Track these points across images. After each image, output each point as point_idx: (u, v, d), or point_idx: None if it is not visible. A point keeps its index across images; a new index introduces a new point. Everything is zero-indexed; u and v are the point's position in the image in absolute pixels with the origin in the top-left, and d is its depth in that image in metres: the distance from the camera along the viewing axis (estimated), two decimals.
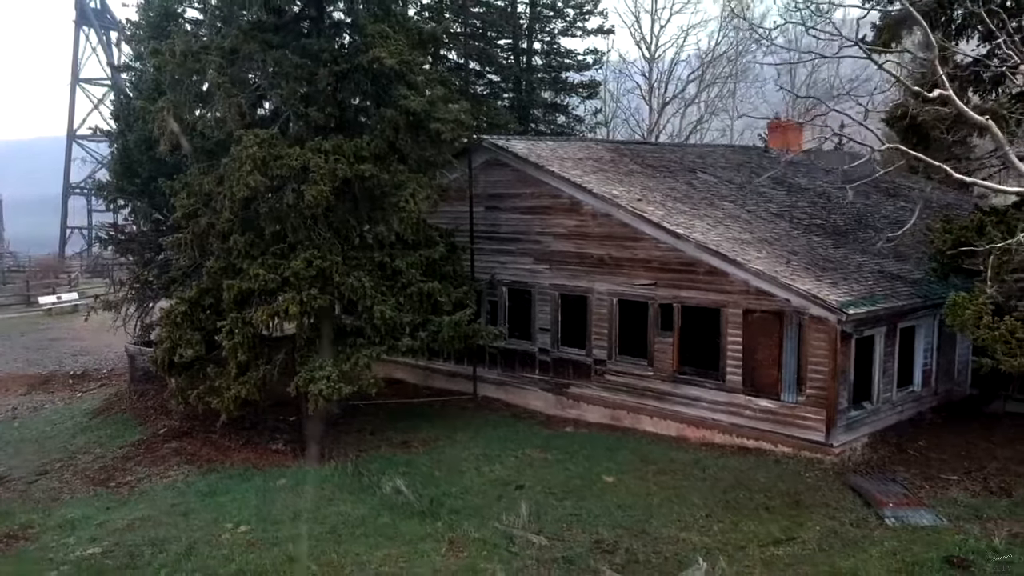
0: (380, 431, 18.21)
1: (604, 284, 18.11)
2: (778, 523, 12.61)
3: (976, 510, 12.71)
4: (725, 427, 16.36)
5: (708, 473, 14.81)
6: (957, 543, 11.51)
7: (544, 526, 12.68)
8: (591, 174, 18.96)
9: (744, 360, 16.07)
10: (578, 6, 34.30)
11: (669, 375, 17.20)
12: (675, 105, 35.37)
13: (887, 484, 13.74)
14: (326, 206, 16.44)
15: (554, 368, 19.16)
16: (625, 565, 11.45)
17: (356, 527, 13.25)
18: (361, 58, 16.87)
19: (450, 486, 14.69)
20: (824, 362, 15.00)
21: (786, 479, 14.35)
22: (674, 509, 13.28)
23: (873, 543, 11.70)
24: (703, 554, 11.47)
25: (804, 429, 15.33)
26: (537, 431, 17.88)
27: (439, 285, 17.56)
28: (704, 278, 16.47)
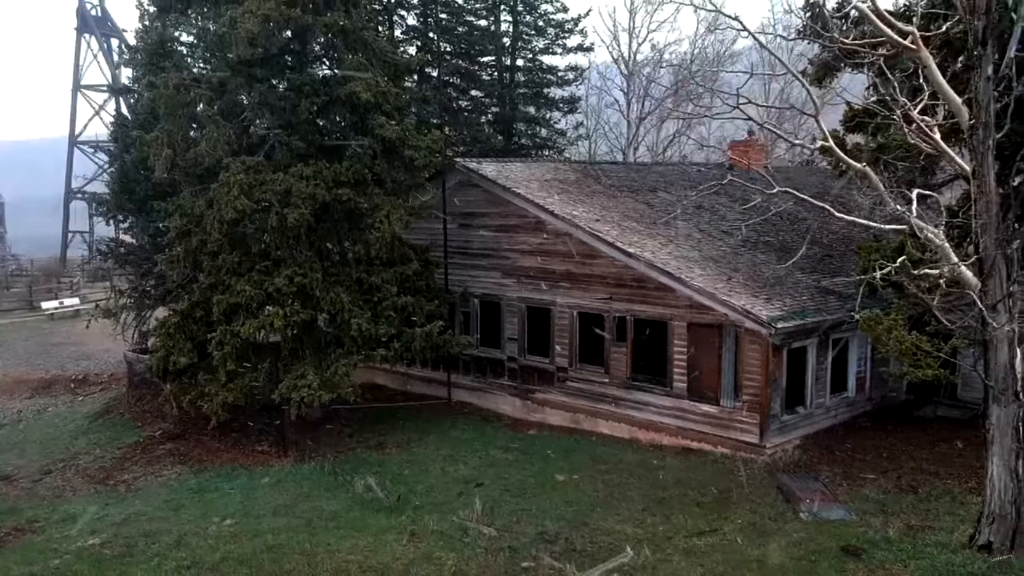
0: (358, 433, 19.70)
1: (565, 298, 19.60)
2: (705, 517, 14.08)
3: (883, 505, 14.18)
4: (672, 430, 17.85)
5: (651, 472, 16.29)
6: (857, 535, 12.98)
7: (496, 519, 14.15)
8: (555, 195, 20.44)
9: (688, 368, 17.57)
10: (558, 25, 35.85)
11: (623, 382, 18.69)
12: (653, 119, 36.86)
13: (809, 482, 15.22)
14: (307, 227, 17.93)
15: (521, 375, 20.67)
16: (563, 553, 12.92)
17: (329, 520, 14.72)
18: (339, 90, 18.39)
19: (416, 484, 16.18)
20: (758, 371, 16.50)
21: (720, 477, 15.83)
22: (615, 504, 14.76)
23: (784, 535, 13.17)
24: (632, 544, 12.95)
25: (741, 432, 16.82)
26: (503, 433, 19.38)
27: (412, 299, 19.07)
28: (654, 293, 17.96)
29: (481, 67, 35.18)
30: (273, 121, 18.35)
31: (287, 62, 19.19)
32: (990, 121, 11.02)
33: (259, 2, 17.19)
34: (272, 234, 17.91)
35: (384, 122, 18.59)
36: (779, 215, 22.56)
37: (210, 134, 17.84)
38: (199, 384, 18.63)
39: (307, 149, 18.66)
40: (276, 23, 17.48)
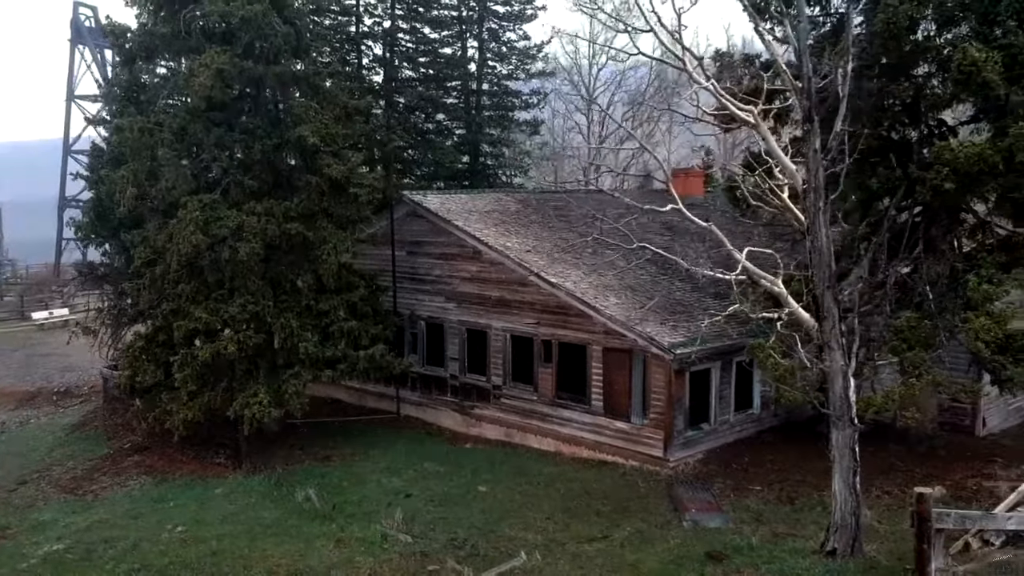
0: (309, 446, 21.43)
1: (500, 321, 21.35)
2: (601, 525, 15.83)
3: (759, 514, 15.92)
4: (591, 444, 19.60)
5: (565, 483, 18.04)
6: (726, 541, 14.69)
7: (415, 527, 15.90)
8: (493, 226, 22.19)
9: (604, 388, 19.32)
10: (522, 52, 37.60)
11: (549, 400, 20.44)
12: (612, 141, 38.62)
13: (699, 493, 16.97)
14: (259, 259, 19.68)
15: (462, 392, 22.42)
16: (467, 557, 14.65)
17: (269, 528, 16.47)
18: (290, 134, 20.17)
19: (352, 495, 17.93)
20: (662, 391, 18.25)
21: (624, 488, 17.58)
22: (525, 513, 16.50)
23: (664, 541, 14.90)
24: (529, 549, 14.70)
25: (648, 446, 18.57)
26: (441, 447, 21.14)
27: (358, 323, 20.84)
28: (574, 319, 19.70)
29: (446, 92, 36.88)
30: (229, 162, 20.11)
31: (243, 107, 20.92)
32: (820, 186, 12.75)
33: (214, 56, 19.00)
34: (226, 266, 19.63)
35: (331, 162, 20.40)
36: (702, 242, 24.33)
37: (170, 174, 19.61)
38: (162, 402, 20.38)
39: (260, 187, 20.42)
40: (230, 75, 19.18)
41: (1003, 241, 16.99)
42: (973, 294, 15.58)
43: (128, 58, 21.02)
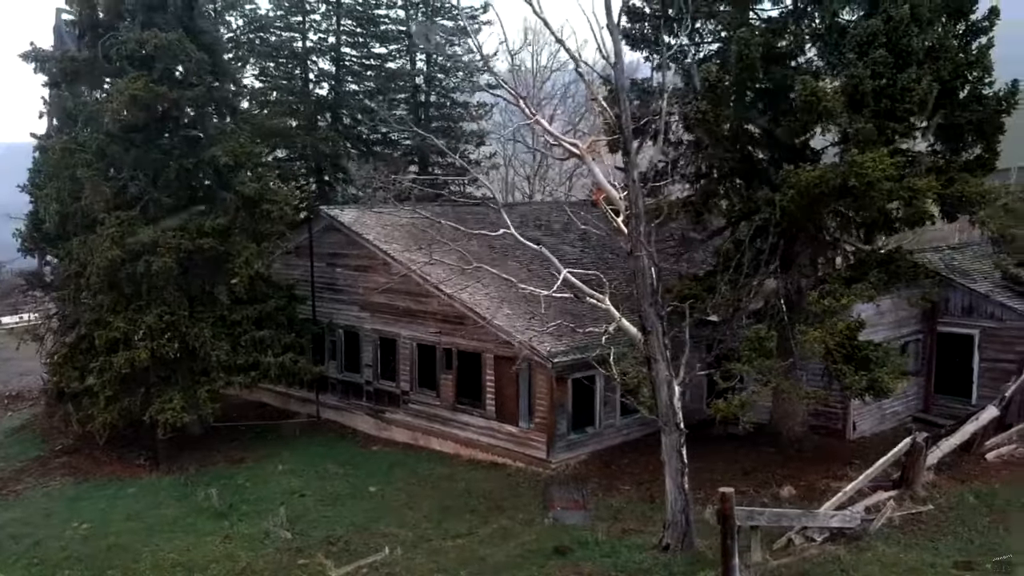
0: (227, 448, 22.61)
1: (407, 330, 22.55)
2: (471, 522, 17.01)
3: (618, 512, 17.11)
4: (485, 447, 20.80)
5: (451, 483, 19.24)
6: (576, 537, 15.86)
7: (297, 525, 17.10)
8: (402, 239, 23.36)
9: (496, 394, 20.53)
10: (467, 66, 38.79)
11: (450, 405, 21.65)
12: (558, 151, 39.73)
13: (570, 492, 18.16)
14: (173, 272, 20.86)
15: (375, 397, 23.63)
16: (338, 552, 15.85)
17: (167, 525, 17.67)
18: (204, 154, 21.38)
19: (252, 494, 19.13)
20: (545, 397, 19.45)
21: (505, 488, 18.78)
22: (404, 512, 17.70)
23: (522, 536, 16.08)
24: (396, 545, 15.89)
25: (533, 448, 19.78)
26: (350, 449, 22.33)
27: (270, 332, 22.05)
28: (471, 329, 20.90)
29: (394, 105, 38.05)
30: (147, 180, 21.30)
31: (161, 128, 22.09)
32: (640, 213, 13.95)
33: (128, 83, 20.22)
34: (142, 279, 20.82)
35: (245, 179, 21.61)
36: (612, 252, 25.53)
37: (89, 193, 20.82)
38: (84, 407, 21.58)
39: (177, 204, 21.62)
40: (143, 100, 20.36)
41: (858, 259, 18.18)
42: (814, 308, 16.77)
43: (53, 82, 22.21)
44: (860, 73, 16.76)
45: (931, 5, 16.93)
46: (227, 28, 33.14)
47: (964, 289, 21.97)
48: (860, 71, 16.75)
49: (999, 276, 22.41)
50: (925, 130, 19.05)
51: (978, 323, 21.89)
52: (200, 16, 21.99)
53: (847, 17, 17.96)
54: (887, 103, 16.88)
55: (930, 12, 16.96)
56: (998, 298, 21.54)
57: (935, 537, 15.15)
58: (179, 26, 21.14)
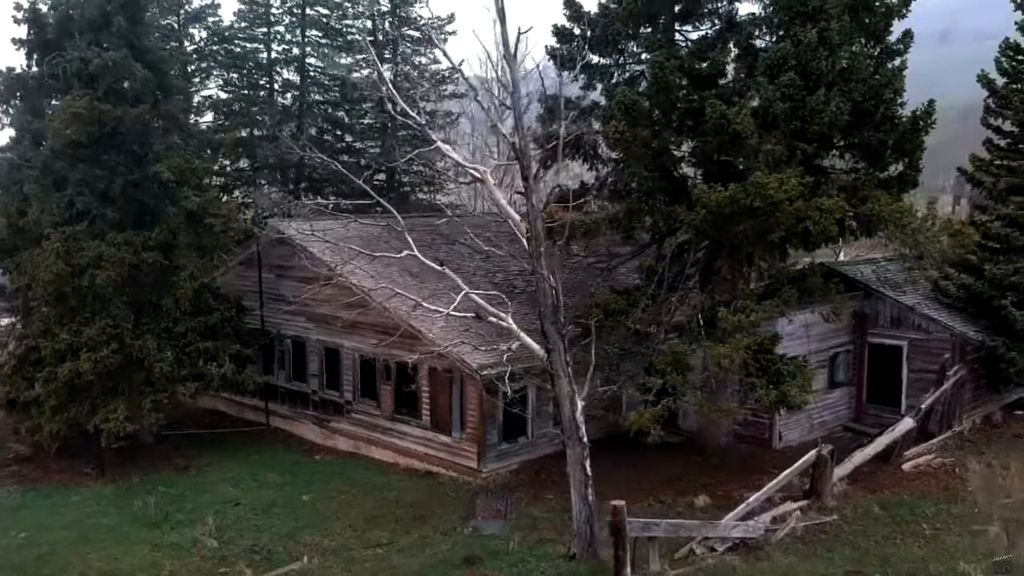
0: (174, 457, 23.09)
1: (350, 341, 23.06)
2: (394, 531, 17.52)
3: (536, 521, 17.62)
4: (422, 456, 21.32)
5: (383, 493, 19.75)
6: (490, 546, 16.39)
7: (225, 534, 17.60)
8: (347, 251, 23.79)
9: (432, 405, 21.05)
10: (432, 76, 39.32)
11: (389, 415, 22.16)
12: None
13: (495, 502, 18.68)
14: (118, 285, 21.36)
15: (321, 406, 24.15)
16: (260, 561, 16.37)
17: (102, 534, 18.17)
18: (148, 170, 21.88)
19: (188, 503, 19.62)
20: (476, 408, 19.96)
21: (434, 497, 19.29)
22: (332, 521, 18.20)
23: (438, 546, 16.60)
24: (318, 554, 16.41)
25: (465, 458, 20.29)
26: (293, 458, 22.83)
27: (214, 343, 22.53)
28: (408, 341, 21.30)
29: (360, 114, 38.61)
30: (92, 196, 21.80)
31: (108, 144, 22.55)
32: (539, 235, 14.48)
33: (71, 101, 20.73)
34: (87, 292, 21.32)
35: (189, 194, 22.12)
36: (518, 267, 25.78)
37: (36, 208, 21.33)
38: (33, 416, 22.09)
39: (123, 218, 22.11)
40: (87, 118, 20.86)
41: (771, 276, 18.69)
42: (724, 324, 17.28)
43: (3, 99, 22.73)
44: (770, 96, 17.28)
45: (840, 29, 17.42)
46: (190, 41, 33.82)
47: (892, 301, 22.49)
48: (770, 94, 17.26)
49: (929, 288, 22.95)
50: (844, 149, 19.61)
51: (906, 335, 22.43)
52: (146, 35, 22.49)
53: (760, 42, 18.46)
54: (797, 124, 17.38)
55: (839, 36, 17.44)
56: (924, 310, 22.07)
57: (833, 547, 15.67)
58: (124, 45, 21.62)
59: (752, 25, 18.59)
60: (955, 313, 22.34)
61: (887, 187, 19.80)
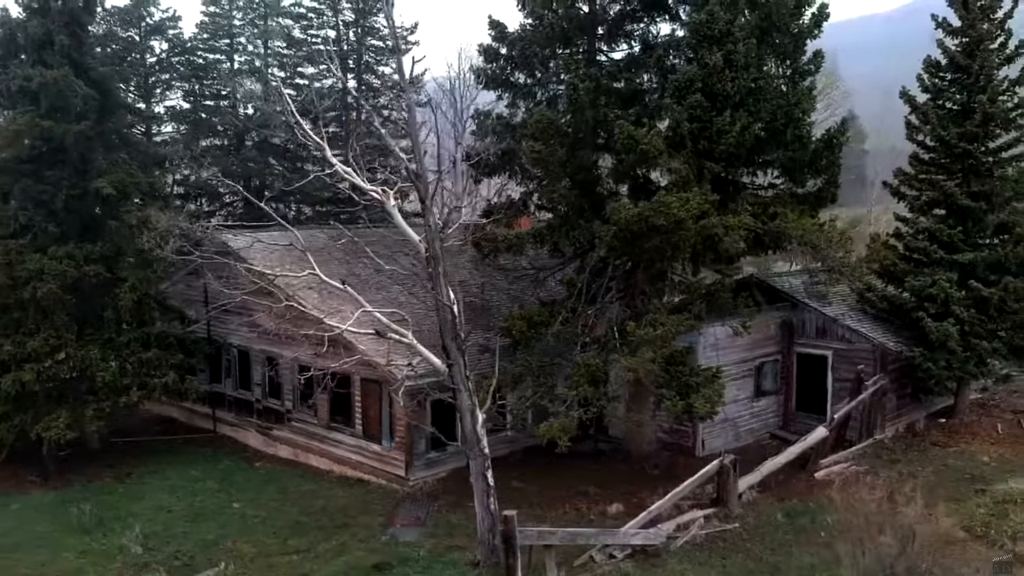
0: (119, 464, 23.63)
1: (290, 351, 23.62)
2: (314, 538, 18.08)
3: (453, 528, 18.18)
4: (355, 464, 21.89)
5: (313, 500, 20.31)
6: (400, 553, 16.95)
7: (152, 541, 18.17)
8: (292, 264, 24.37)
9: (364, 414, 21.62)
10: (395, 85, 39.84)
11: (326, 423, 22.74)
12: None
13: (417, 509, 19.25)
14: (60, 298, 21.92)
15: (264, 414, 24.72)
16: (181, 567, 16.96)
17: (35, 540, 18.72)
18: (90, 184, 22.45)
19: (124, 510, 20.17)
20: (404, 418, 20.52)
21: (361, 504, 19.85)
22: (258, 528, 18.76)
23: (353, 553, 17.16)
24: (236, 560, 16.97)
25: (394, 467, 20.87)
26: (234, 465, 23.39)
27: (155, 353, 23.10)
28: (343, 352, 21.93)
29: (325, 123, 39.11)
30: (35, 210, 22.37)
31: (52, 159, 23.11)
32: (438, 255, 15.05)
33: (13, 118, 21.30)
34: (29, 304, 21.89)
35: (131, 207, 22.71)
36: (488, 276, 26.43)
37: None
38: None
39: (67, 232, 22.67)
40: (28, 135, 21.43)
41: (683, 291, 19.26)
42: (631, 337, 17.85)
43: None
44: (678, 116, 17.84)
45: (746, 52, 17.97)
46: (151, 53, 34.39)
47: (817, 312, 23.05)
48: (678, 115, 17.83)
49: (855, 299, 23.52)
50: (760, 166, 20.19)
51: (831, 345, 23.00)
52: (90, 53, 23.02)
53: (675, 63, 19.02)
54: (705, 144, 17.96)
55: (746, 58, 17.99)
56: (846, 321, 22.64)
57: (728, 554, 16.26)
58: (67, 63, 22.18)
59: (667, 47, 19.13)
60: (879, 324, 22.90)
61: (806, 203, 20.42)
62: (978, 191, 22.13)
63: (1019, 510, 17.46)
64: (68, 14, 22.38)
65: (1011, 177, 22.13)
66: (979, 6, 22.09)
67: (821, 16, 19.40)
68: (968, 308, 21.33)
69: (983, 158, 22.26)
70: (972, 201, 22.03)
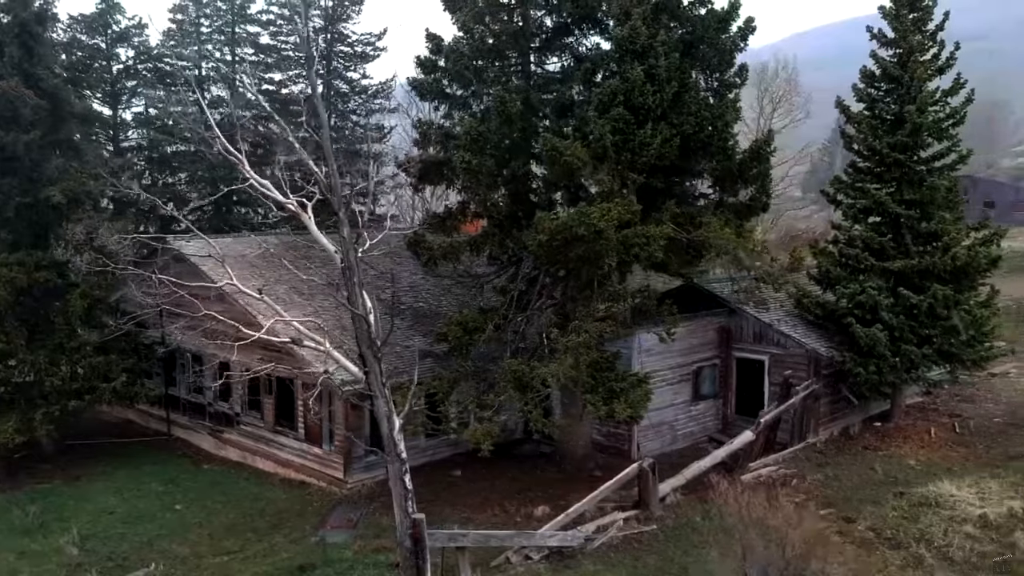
0: (72, 467, 24.08)
1: (238, 355, 23.97)
2: (247, 540, 18.55)
3: (383, 531, 18.59)
4: (298, 467, 22.37)
5: (253, 502, 20.77)
6: (328, 554, 17.40)
7: (89, 542, 18.64)
8: (242, 269, 24.82)
9: (305, 418, 22.07)
10: (363, 90, 40.41)
11: (271, 427, 23.21)
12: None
13: (350, 511, 19.71)
14: (10, 304, 22.40)
15: (216, 417, 25.19)
16: (111, 568, 17.43)
17: None
18: (41, 193, 22.93)
19: (68, 512, 20.63)
20: (342, 421, 21.00)
21: (299, 506, 20.33)
22: (195, 530, 19.23)
23: (280, 554, 17.64)
24: (168, 561, 17.45)
25: (334, 469, 21.34)
26: (183, 468, 23.86)
27: (105, 358, 23.58)
28: (287, 357, 22.42)
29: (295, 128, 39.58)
30: None
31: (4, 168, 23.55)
32: (353, 265, 15.52)
33: None
34: None
35: (83, 216, 23.18)
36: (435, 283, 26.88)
37: None
38: None
39: (18, 240, 23.17)
40: None
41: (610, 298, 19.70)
42: (554, 344, 18.31)
43: None
44: (601, 129, 18.29)
45: (668, 66, 18.41)
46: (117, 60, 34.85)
47: (754, 318, 23.51)
48: (600, 127, 18.27)
49: (792, 305, 23.99)
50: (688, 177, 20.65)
51: (767, 350, 23.47)
52: (42, 64, 23.46)
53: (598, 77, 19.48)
54: (628, 156, 18.40)
55: (668, 72, 18.43)
56: (781, 327, 23.09)
57: (640, 556, 16.73)
58: (17, 74, 22.66)
59: (594, 61, 19.58)
60: (814, 329, 23.37)
61: (737, 212, 20.89)
62: (911, 200, 22.57)
63: (931, 513, 17.92)
64: (19, 26, 22.86)
65: (942, 186, 22.55)
66: (911, 18, 22.55)
67: (748, 30, 19.85)
68: (897, 315, 21.77)
69: (916, 167, 22.71)
70: (904, 209, 22.48)
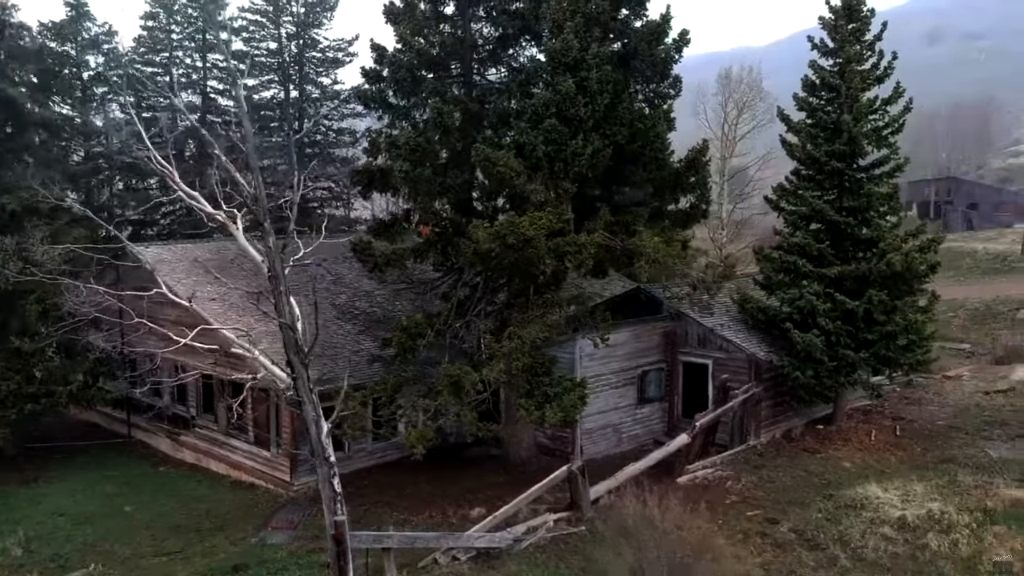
0: (29, 469, 24.51)
1: (193, 360, 24.48)
2: (189, 540, 19.01)
3: (322, 532, 18.99)
4: (249, 469, 22.84)
5: (201, 504, 21.23)
6: (265, 555, 17.87)
7: (33, 543, 19.09)
8: (197, 275, 25.34)
9: (255, 421, 22.54)
10: (335, 96, 40.87)
11: (225, 430, 23.68)
12: None
13: (293, 513, 20.18)
14: None
15: (174, 420, 25.66)
16: (53, 569, 17.88)
17: None
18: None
19: (19, 513, 21.05)
20: (288, 425, 21.46)
21: (244, 508, 20.79)
22: (140, 531, 19.68)
23: (219, 555, 18.09)
24: (102, 562, 17.90)
25: (281, 472, 21.81)
26: (139, 470, 24.33)
27: (60, 363, 24.06)
28: (237, 361, 22.86)
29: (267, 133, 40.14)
30: None
31: None
32: (279, 274, 15.97)
33: None
34: None
35: (39, 223, 23.64)
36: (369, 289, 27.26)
37: None
38: None
39: None
40: None
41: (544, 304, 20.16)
42: (487, 350, 18.77)
43: None
44: (533, 140, 18.75)
45: (600, 78, 18.85)
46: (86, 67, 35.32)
47: (698, 323, 23.96)
48: (532, 138, 18.73)
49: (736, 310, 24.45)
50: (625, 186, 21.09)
51: (711, 354, 23.91)
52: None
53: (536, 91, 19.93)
54: (560, 166, 18.86)
55: (600, 84, 18.87)
56: (723, 332, 23.54)
57: (565, 556, 17.18)
58: None
59: (529, 73, 20.04)
60: (756, 334, 23.82)
61: (675, 220, 21.34)
62: (850, 207, 23.01)
63: (854, 515, 18.37)
64: None
65: (881, 193, 23.00)
66: (849, 28, 22.98)
67: (682, 42, 20.29)
68: (834, 320, 22.21)
69: (855, 175, 23.16)
70: (843, 216, 22.92)
